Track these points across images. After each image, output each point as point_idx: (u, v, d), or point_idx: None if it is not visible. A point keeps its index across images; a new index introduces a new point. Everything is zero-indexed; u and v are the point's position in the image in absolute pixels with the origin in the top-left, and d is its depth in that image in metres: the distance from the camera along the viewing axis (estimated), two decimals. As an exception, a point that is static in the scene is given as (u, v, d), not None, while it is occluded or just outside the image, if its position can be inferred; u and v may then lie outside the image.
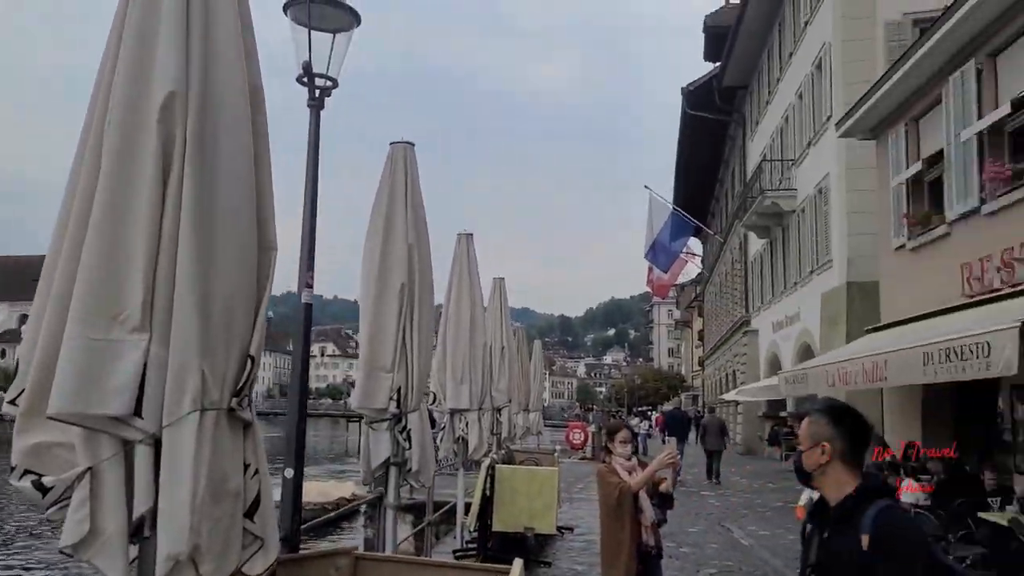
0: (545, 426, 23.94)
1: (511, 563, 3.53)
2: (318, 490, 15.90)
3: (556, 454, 15.12)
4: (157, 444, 2.06)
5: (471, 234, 8.39)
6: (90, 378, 1.97)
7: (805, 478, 2.61)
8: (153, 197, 2.07)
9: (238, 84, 2.25)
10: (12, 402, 2.12)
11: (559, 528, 10.23)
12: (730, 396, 27.43)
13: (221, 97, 2.19)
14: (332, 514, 12.40)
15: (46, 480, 2.05)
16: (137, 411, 2.02)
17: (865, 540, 2.29)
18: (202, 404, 2.07)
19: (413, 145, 5.14)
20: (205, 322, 2.10)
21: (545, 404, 35.87)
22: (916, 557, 2.28)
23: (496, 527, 8.84)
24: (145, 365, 2.03)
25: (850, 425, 2.51)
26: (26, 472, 2.07)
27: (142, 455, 2.06)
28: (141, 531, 2.07)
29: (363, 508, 6.43)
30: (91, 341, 1.98)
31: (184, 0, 2.16)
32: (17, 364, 2.16)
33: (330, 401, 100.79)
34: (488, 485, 8.87)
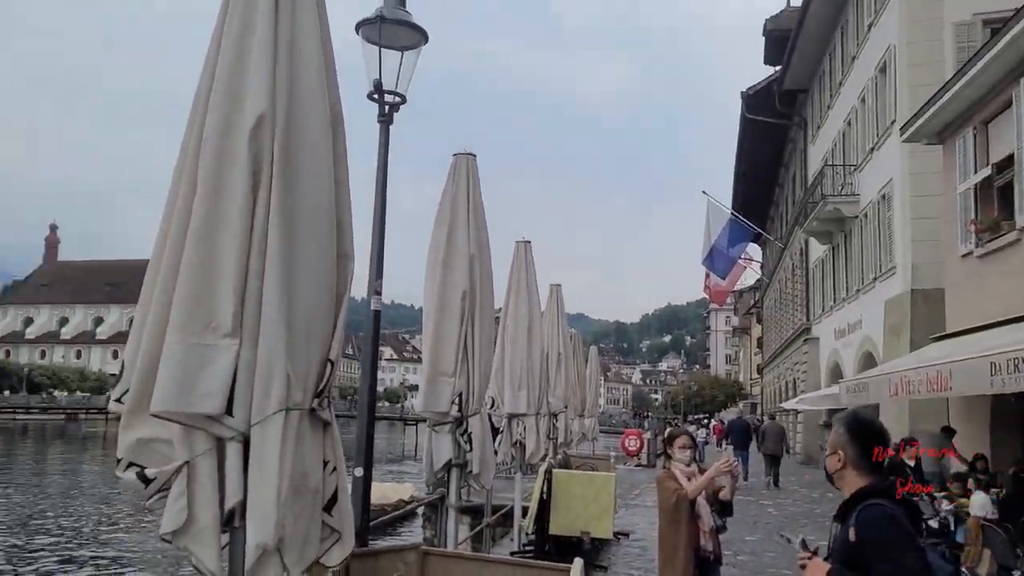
0: (600, 432, 23.87)
1: (571, 563, 3.63)
2: (379, 491, 16.21)
3: (612, 460, 15.11)
4: (246, 441, 2.22)
5: (529, 241, 8.50)
6: (188, 379, 2.14)
7: (830, 479, 2.95)
8: (244, 213, 2.22)
9: (320, 106, 2.40)
10: (118, 400, 2.30)
11: (615, 533, 10.26)
12: (790, 404, 26.90)
13: (305, 118, 2.35)
14: (396, 513, 12.66)
15: (148, 472, 2.23)
16: (228, 410, 2.18)
17: (852, 533, 2.62)
18: (287, 404, 2.23)
19: (475, 156, 5.28)
20: (289, 328, 2.25)
21: (601, 410, 35.76)
22: (892, 550, 2.53)
23: (553, 530, 8.93)
24: (236, 368, 2.20)
25: (862, 436, 2.79)
26: (130, 464, 2.26)
27: (233, 451, 2.22)
28: (232, 521, 2.23)
29: (422, 510, 6.59)
30: (189, 346, 2.15)
31: (273, 26, 2.31)
32: (123, 365, 2.35)
33: (387, 404, 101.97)
34: (545, 489, 8.97)
